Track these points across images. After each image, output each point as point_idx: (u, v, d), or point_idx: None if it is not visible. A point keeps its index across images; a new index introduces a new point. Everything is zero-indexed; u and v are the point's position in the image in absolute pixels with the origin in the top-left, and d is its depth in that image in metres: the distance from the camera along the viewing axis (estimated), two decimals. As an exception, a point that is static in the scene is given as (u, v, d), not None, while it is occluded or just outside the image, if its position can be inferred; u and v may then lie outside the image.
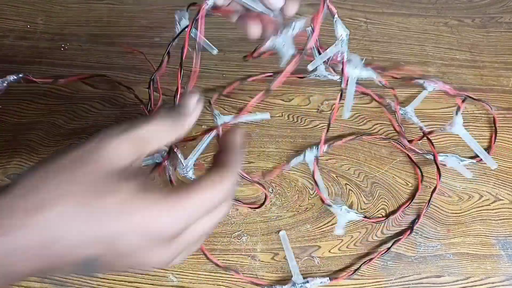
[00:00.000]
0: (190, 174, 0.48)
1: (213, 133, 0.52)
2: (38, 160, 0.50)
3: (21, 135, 0.52)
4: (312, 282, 0.45)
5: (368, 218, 0.49)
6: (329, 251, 0.48)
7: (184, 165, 0.48)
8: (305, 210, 0.50)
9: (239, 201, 0.50)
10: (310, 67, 0.41)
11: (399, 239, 0.48)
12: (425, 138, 0.54)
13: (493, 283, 0.47)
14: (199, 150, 0.51)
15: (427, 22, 0.69)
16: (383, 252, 0.48)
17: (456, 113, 0.50)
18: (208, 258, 0.46)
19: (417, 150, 0.54)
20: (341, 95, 0.40)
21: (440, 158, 0.53)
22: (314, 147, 0.50)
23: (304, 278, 0.46)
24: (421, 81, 0.60)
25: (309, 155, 0.51)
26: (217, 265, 0.45)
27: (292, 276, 0.46)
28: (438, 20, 0.69)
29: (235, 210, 0.50)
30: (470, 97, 0.59)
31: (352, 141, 0.55)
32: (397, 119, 0.54)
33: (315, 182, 0.49)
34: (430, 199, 0.51)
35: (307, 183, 0.52)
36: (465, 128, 0.57)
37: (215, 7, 0.36)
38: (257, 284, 0.45)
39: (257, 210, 0.50)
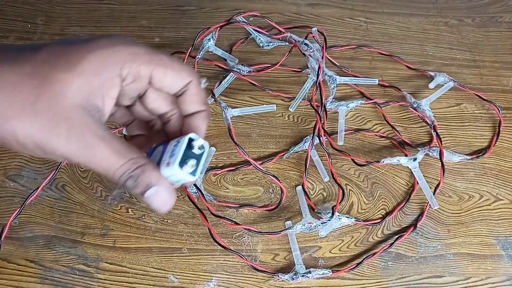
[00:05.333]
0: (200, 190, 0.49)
1: (213, 149, 0.53)
2: (39, 161, 0.50)
3: (21, 136, 0.52)
4: (314, 272, 0.45)
5: (362, 221, 0.49)
6: (330, 252, 0.48)
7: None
8: (306, 211, 0.50)
9: (252, 206, 0.50)
10: None
11: (403, 235, 0.48)
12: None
13: (493, 283, 0.47)
14: (204, 166, 0.51)
15: (427, 22, 0.69)
16: (386, 247, 0.48)
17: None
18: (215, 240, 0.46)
19: (411, 144, 0.55)
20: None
21: (433, 153, 0.54)
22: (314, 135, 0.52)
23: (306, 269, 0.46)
24: (432, 73, 0.61)
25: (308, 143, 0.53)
26: (224, 247, 0.46)
27: (294, 266, 0.46)
28: (438, 20, 0.69)
29: (235, 211, 0.50)
30: (480, 97, 0.59)
31: (352, 141, 0.55)
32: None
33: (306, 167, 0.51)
34: (433, 195, 0.51)
35: (307, 183, 0.52)
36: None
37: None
38: (258, 270, 0.46)
39: (258, 211, 0.50)
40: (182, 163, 0.27)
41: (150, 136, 0.33)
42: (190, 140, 0.27)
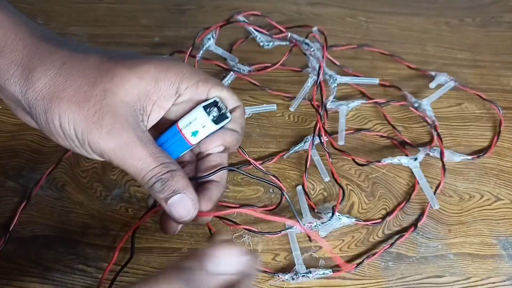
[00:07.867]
0: None
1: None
2: (39, 160, 0.50)
3: (20, 135, 0.52)
4: (315, 272, 0.45)
5: (363, 221, 0.49)
6: (330, 252, 0.48)
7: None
8: (306, 210, 0.50)
9: (252, 205, 0.50)
10: None
11: (403, 235, 0.48)
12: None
13: (494, 283, 0.47)
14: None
15: (427, 22, 0.69)
16: (386, 247, 0.47)
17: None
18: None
19: (412, 144, 0.55)
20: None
21: (434, 152, 0.54)
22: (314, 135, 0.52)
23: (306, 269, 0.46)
24: (433, 73, 0.61)
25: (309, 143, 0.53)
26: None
27: (294, 266, 0.46)
28: (438, 20, 0.69)
29: (236, 210, 0.50)
30: (481, 97, 0.59)
31: (353, 141, 0.55)
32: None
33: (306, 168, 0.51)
34: (434, 195, 0.51)
35: (308, 183, 0.52)
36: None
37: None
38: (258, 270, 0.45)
39: (258, 211, 0.50)
40: (206, 107, 0.28)
41: None
42: (215, 102, 0.29)
